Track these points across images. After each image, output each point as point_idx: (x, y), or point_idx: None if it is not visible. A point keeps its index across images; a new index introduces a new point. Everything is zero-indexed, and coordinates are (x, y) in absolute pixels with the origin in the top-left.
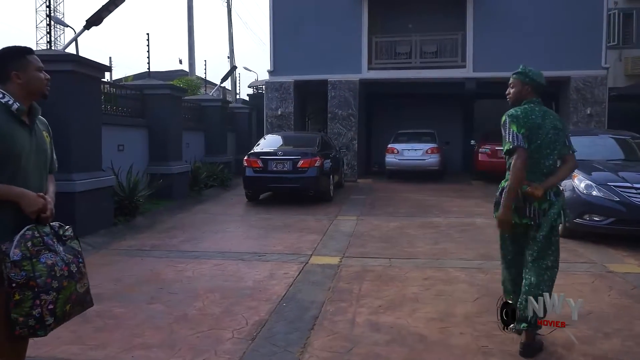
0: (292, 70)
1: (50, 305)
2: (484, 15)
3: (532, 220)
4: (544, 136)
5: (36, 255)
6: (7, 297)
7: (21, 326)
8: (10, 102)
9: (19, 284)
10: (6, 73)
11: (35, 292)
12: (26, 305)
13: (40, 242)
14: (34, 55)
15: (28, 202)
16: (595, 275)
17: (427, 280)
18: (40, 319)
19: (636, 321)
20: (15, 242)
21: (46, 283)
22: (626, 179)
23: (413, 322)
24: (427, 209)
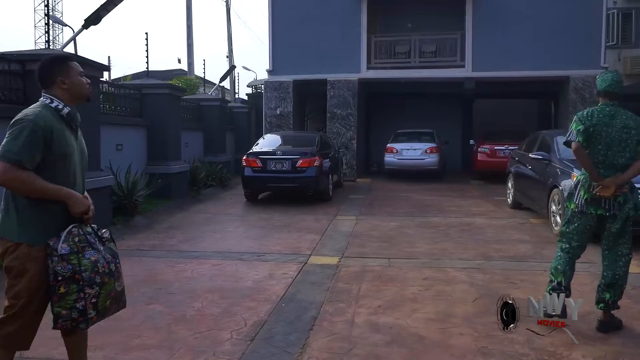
0: (291, 69)
1: (93, 299)
2: (483, 15)
3: (607, 212)
4: (612, 134)
5: (81, 251)
6: (50, 291)
7: (64, 319)
8: (60, 107)
9: (65, 277)
10: (52, 79)
11: (80, 286)
12: (70, 299)
13: (85, 239)
14: (75, 61)
15: (75, 202)
16: (595, 275)
17: (426, 281)
18: (84, 311)
19: (635, 322)
20: (62, 237)
21: (90, 277)
22: None
23: (412, 323)
24: (426, 209)
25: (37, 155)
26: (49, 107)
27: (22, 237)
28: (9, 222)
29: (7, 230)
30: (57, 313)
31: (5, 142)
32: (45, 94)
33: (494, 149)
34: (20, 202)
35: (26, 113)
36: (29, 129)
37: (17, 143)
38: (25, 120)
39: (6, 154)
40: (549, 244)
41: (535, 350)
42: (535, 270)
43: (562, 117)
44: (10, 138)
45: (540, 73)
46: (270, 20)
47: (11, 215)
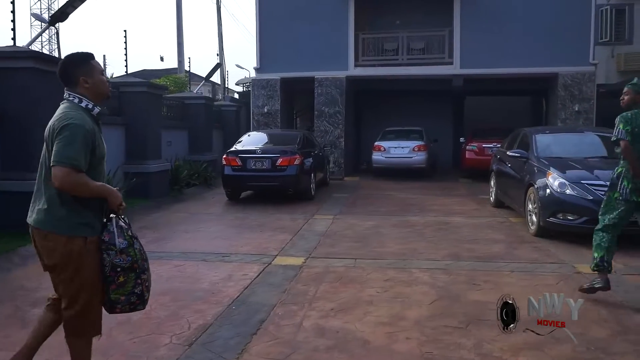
0: (278, 67)
1: (147, 283)
2: (470, 11)
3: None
4: None
5: (133, 244)
6: (107, 281)
7: (122, 304)
8: (90, 107)
9: (124, 268)
10: (75, 78)
11: (137, 273)
12: (129, 285)
13: (130, 232)
14: (96, 59)
15: (116, 197)
16: (562, 277)
17: (387, 282)
18: (141, 295)
19: (593, 325)
20: (116, 233)
21: (143, 265)
22: (600, 177)
23: (361, 327)
24: (408, 208)
25: (88, 158)
26: (81, 107)
27: (77, 230)
28: (58, 218)
29: (57, 226)
30: (115, 299)
31: (61, 148)
32: (72, 93)
33: (482, 147)
34: (68, 200)
35: (71, 116)
36: (81, 134)
37: (74, 148)
38: (73, 124)
39: (66, 160)
40: (523, 244)
41: (481, 355)
42: (502, 271)
43: (551, 114)
44: (64, 143)
45: (529, 70)
46: (258, 18)
47: (60, 212)
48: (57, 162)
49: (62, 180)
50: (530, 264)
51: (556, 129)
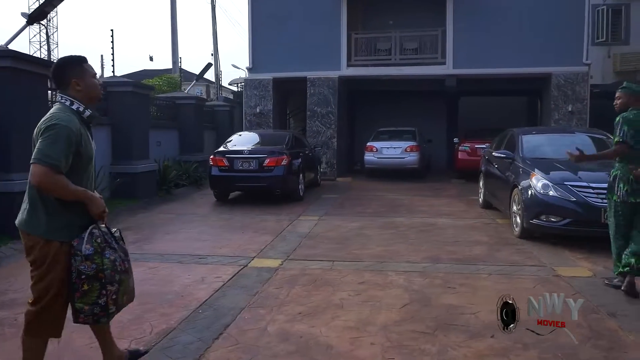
0: (271, 67)
1: (114, 295)
2: (463, 11)
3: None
4: None
5: (102, 251)
6: (72, 288)
7: (86, 314)
8: (81, 109)
9: (89, 275)
10: (67, 80)
11: (102, 283)
12: (93, 295)
13: (104, 240)
14: (88, 63)
15: (95, 204)
16: (540, 280)
17: (361, 285)
18: (105, 307)
19: (563, 331)
20: (85, 238)
21: (111, 275)
22: (583, 179)
23: (326, 331)
24: (396, 209)
25: (69, 160)
26: (72, 109)
27: (54, 234)
28: (37, 220)
29: (36, 228)
30: (79, 308)
31: (42, 147)
32: (63, 95)
33: (474, 148)
34: (49, 202)
35: (58, 117)
36: (65, 134)
37: (56, 148)
38: (59, 125)
39: (46, 159)
40: (505, 246)
41: None
42: (480, 274)
43: (545, 114)
44: (47, 142)
45: (522, 70)
46: (250, 18)
47: (39, 214)
48: (37, 159)
49: (39, 179)
50: (510, 267)
51: (543, 129)
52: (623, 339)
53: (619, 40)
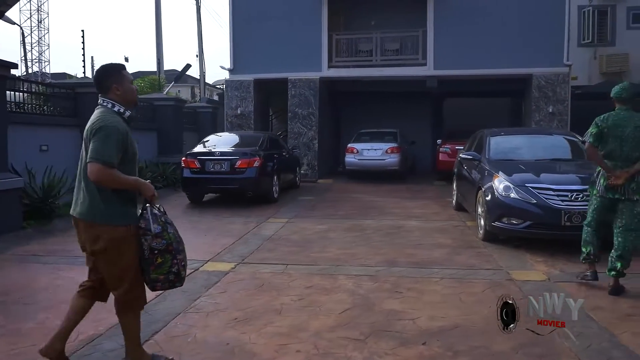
0: (252, 68)
1: (183, 262)
2: (444, 11)
3: (622, 196)
4: (627, 134)
5: (166, 228)
6: (146, 263)
7: (162, 282)
8: (122, 110)
9: (161, 250)
10: (108, 85)
11: (172, 254)
12: (166, 266)
13: (163, 218)
14: (126, 70)
15: (148, 188)
16: (491, 284)
17: (307, 289)
18: (178, 273)
19: (499, 338)
20: (151, 219)
21: (177, 246)
22: (544, 181)
23: (256, 338)
24: (368, 211)
25: (119, 156)
26: (114, 111)
27: (119, 220)
28: (97, 209)
29: (101, 217)
30: (154, 279)
31: (96, 147)
32: (105, 99)
33: (454, 149)
34: (105, 193)
35: (105, 119)
36: (114, 134)
37: (107, 147)
38: (108, 126)
39: (100, 157)
40: (467, 249)
41: None
42: (432, 278)
43: (526, 115)
44: (99, 142)
45: (503, 71)
46: (231, 19)
47: (97, 203)
48: (92, 158)
49: (97, 175)
50: (464, 271)
51: (512, 130)
52: (559, 346)
53: (605, 42)
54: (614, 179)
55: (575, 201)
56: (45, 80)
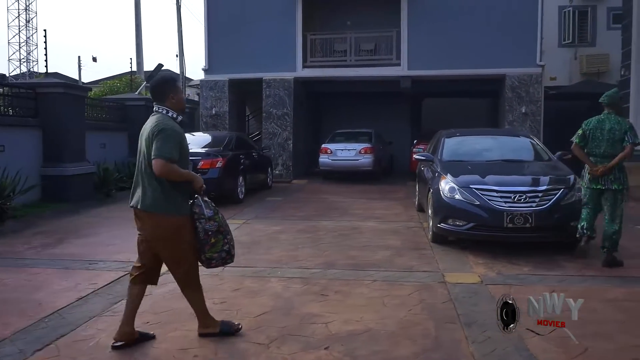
0: (226, 68)
1: (232, 241)
2: (418, 12)
3: (603, 186)
4: (603, 135)
5: (217, 212)
6: (202, 244)
7: (216, 260)
8: (175, 116)
9: (214, 231)
10: (166, 95)
11: (224, 235)
12: (219, 245)
13: (212, 204)
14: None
15: (198, 180)
16: (422, 286)
17: (234, 292)
18: (229, 251)
19: (405, 342)
20: (203, 205)
21: (226, 228)
22: (488, 182)
23: (159, 343)
24: (330, 212)
25: (178, 153)
26: (169, 117)
27: (178, 210)
28: (157, 201)
29: (158, 207)
30: (209, 257)
31: (160, 146)
32: (160, 106)
33: None
34: (166, 187)
35: (165, 124)
36: (172, 135)
37: (168, 145)
38: (168, 129)
39: (162, 154)
40: (412, 251)
41: None
42: (364, 281)
43: (500, 115)
44: (161, 142)
45: (477, 71)
46: (206, 18)
47: (157, 196)
48: (157, 156)
49: (160, 169)
50: (400, 273)
51: (469, 131)
52: (462, 351)
53: (586, 42)
54: (593, 171)
55: (518, 203)
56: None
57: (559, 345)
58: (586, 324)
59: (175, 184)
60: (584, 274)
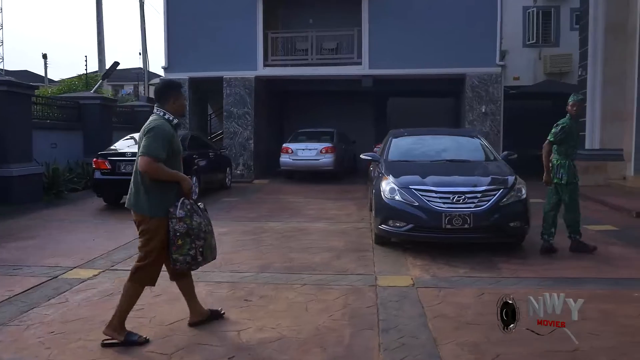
0: (187, 66)
1: (201, 249)
2: (379, 11)
3: (561, 180)
4: (576, 136)
5: (191, 215)
6: (170, 243)
7: (180, 263)
8: (171, 118)
9: (182, 233)
10: (168, 98)
11: (192, 239)
12: (185, 248)
13: (192, 208)
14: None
15: (187, 183)
16: (351, 290)
17: (155, 298)
18: (194, 257)
19: (315, 350)
20: (178, 206)
21: (197, 233)
22: (428, 183)
23: (57, 355)
24: (282, 212)
25: (165, 153)
26: (164, 118)
27: (155, 212)
28: (141, 201)
29: (141, 208)
30: (175, 259)
31: (146, 144)
32: (159, 108)
33: None
34: (149, 187)
35: (155, 123)
36: (161, 134)
37: (155, 144)
38: (157, 128)
39: (149, 152)
40: (353, 253)
41: None
42: (294, 285)
43: (460, 115)
44: (149, 141)
45: (437, 71)
46: (165, 15)
47: (142, 196)
48: (143, 153)
49: (145, 167)
50: (333, 276)
51: (417, 131)
52: (372, 359)
53: (550, 42)
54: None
55: (456, 203)
56: None
57: (471, 352)
58: None
59: (160, 184)
60: (518, 275)
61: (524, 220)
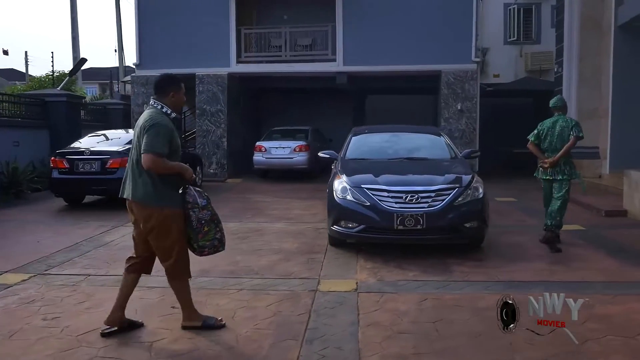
0: (159, 63)
1: (223, 230)
2: (353, 7)
3: (551, 177)
4: (555, 133)
5: (209, 201)
6: (195, 232)
7: (208, 248)
8: (169, 112)
9: (207, 220)
10: (167, 92)
11: (216, 223)
12: (211, 233)
13: (205, 193)
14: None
15: (188, 172)
16: (288, 296)
17: (77, 305)
18: (221, 239)
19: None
20: (196, 194)
21: (218, 217)
22: (380, 182)
23: None
24: (244, 212)
25: (167, 148)
26: (162, 112)
27: (166, 202)
28: (150, 193)
29: (151, 199)
30: (202, 245)
31: (149, 140)
32: (157, 101)
33: None
34: (156, 179)
35: (156, 119)
36: (163, 130)
37: (158, 140)
38: (159, 124)
39: (153, 149)
40: (303, 255)
41: None
42: (230, 290)
43: (436, 112)
44: (152, 137)
45: (413, 67)
46: (137, 11)
47: (150, 188)
48: (146, 150)
49: (149, 164)
50: (275, 280)
51: (378, 128)
52: None
53: (531, 40)
54: (543, 163)
55: (409, 203)
56: None
57: None
58: (439, 339)
59: (165, 176)
60: (469, 278)
61: (481, 220)
